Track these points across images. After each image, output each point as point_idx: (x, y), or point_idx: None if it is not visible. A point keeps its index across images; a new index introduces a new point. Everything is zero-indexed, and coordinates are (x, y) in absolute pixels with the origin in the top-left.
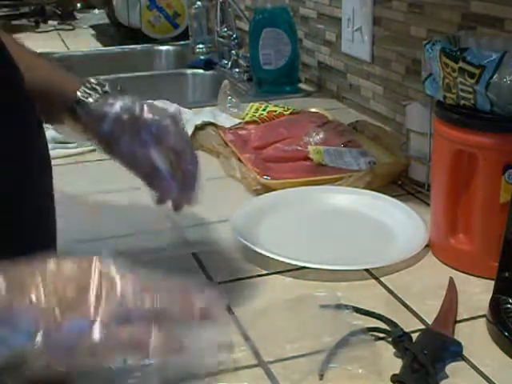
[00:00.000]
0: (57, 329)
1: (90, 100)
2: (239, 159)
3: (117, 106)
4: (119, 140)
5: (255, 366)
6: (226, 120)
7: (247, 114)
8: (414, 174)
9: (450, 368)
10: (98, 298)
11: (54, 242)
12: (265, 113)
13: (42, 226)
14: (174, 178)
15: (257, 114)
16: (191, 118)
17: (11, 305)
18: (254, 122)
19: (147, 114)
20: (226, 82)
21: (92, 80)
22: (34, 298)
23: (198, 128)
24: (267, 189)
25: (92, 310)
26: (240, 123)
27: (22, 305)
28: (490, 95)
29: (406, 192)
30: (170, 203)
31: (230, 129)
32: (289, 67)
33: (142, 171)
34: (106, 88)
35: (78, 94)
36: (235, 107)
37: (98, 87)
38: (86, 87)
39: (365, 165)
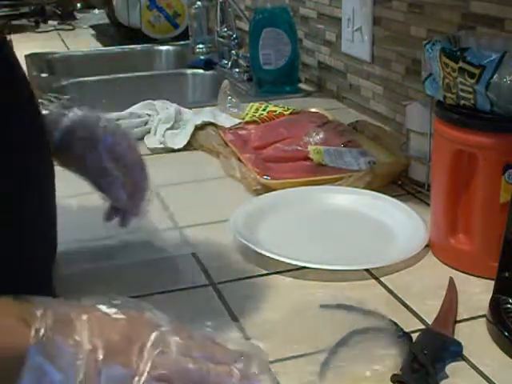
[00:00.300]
0: (97, 373)
1: (45, 111)
2: (239, 159)
3: (70, 115)
4: (71, 150)
5: None
6: (225, 120)
7: (247, 113)
8: (414, 174)
9: (450, 368)
10: (143, 350)
11: (55, 241)
12: (265, 113)
13: (43, 225)
14: (123, 187)
15: (257, 114)
16: (191, 118)
17: (54, 340)
18: (254, 122)
19: (101, 127)
20: (226, 81)
21: (52, 95)
22: (77, 338)
23: (198, 128)
24: (267, 189)
25: (135, 361)
26: (240, 123)
27: (65, 343)
28: (490, 95)
29: (406, 192)
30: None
31: (229, 129)
32: (289, 67)
33: (93, 179)
34: (65, 102)
35: None
36: (235, 107)
37: (56, 101)
38: (44, 99)
39: (365, 165)
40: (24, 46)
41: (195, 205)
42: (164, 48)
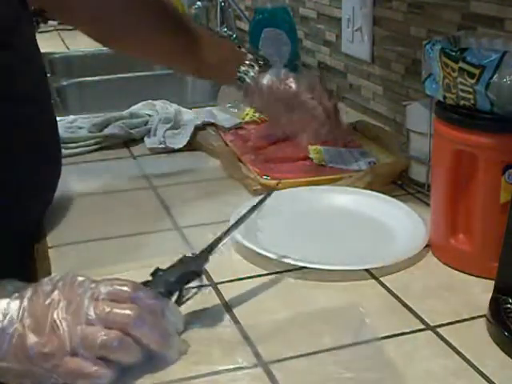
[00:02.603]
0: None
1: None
2: (239, 159)
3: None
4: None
5: (255, 366)
6: (225, 120)
7: (247, 114)
8: (414, 174)
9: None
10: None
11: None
12: None
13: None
14: None
15: (257, 114)
16: (191, 119)
17: None
18: (253, 121)
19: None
20: None
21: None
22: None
23: (198, 128)
24: (267, 188)
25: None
26: (240, 123)
27: None
28: (490, 95)
29: (405, 192)
30: None
31: (229, 129)
32: (289, 67)
33: None
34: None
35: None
36: (235, 107)
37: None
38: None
39: (365, 165)
40: None
41: (195, 205)
42: None
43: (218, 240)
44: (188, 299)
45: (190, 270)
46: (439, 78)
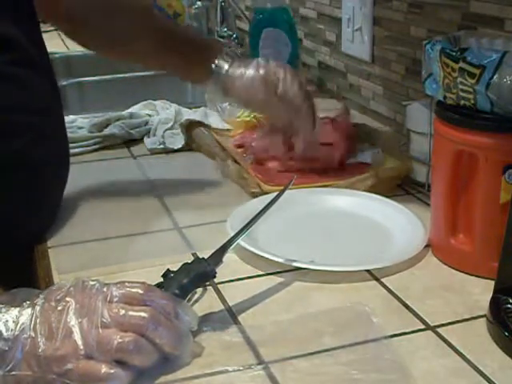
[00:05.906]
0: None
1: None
2: (235, 161)
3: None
4: None
5: (256, 366)
6: (215, 121)
7: (239, 116)
8: (414, 174)
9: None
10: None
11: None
12: None
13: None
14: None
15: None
16: (184, 117)
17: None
18: (252, 125)
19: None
20: None
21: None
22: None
23: (193, 128)
24: (265, 191)
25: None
26: (228, 130)
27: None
28: (490, 95)
29: (405, 192)
30: None
31: (219, 130)
32: None
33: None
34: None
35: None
36: (223, 112)
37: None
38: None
39: (369, 157)
40: None
41: (195, 205)
42: None
43: (230, 241)
44: (196, 301)
45: (203, 271)
46: (439, 78)
